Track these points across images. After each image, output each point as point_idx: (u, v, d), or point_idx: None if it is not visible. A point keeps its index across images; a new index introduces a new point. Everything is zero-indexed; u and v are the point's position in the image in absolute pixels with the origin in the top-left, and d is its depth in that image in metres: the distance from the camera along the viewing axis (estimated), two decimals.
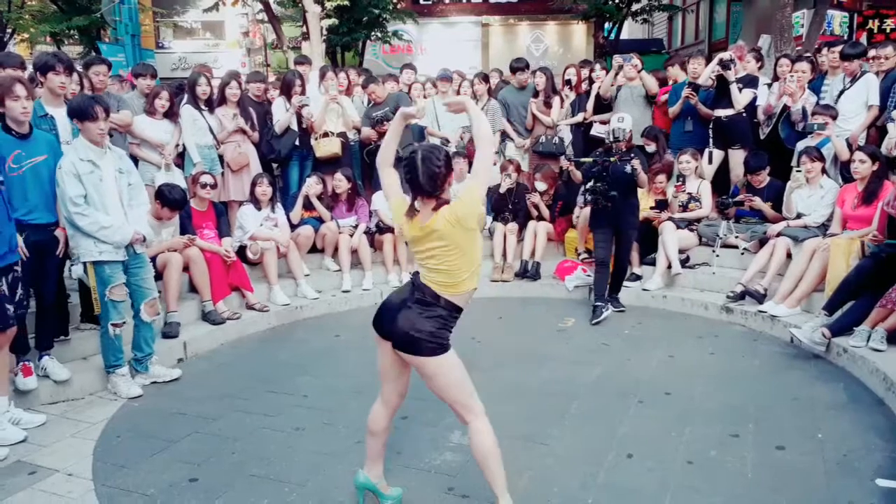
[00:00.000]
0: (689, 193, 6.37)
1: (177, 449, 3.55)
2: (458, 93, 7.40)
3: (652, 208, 6.27)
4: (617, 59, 7.11)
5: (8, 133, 3.89)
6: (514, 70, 7.46)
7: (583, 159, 5.91)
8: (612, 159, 5.44)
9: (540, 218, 6.79)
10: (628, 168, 5.36)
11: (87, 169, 3.97)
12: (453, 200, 2.62)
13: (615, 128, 5.53)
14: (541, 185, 6.84)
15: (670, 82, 7.16)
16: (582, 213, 6.48)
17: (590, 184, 5.61)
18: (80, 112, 3.97)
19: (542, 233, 6.65)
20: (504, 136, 7.43)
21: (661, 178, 6.36)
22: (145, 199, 4.45)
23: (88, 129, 3.99)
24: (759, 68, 6.89)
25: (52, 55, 4.66)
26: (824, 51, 6.69)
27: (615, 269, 5.83)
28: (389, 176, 2.78)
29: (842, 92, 5.97)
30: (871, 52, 6.07)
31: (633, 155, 5.47)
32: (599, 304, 5.65)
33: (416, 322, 2.58)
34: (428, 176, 2.54)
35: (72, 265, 4.09)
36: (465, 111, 2.76)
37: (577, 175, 6.28)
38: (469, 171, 6.70)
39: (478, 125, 2.66)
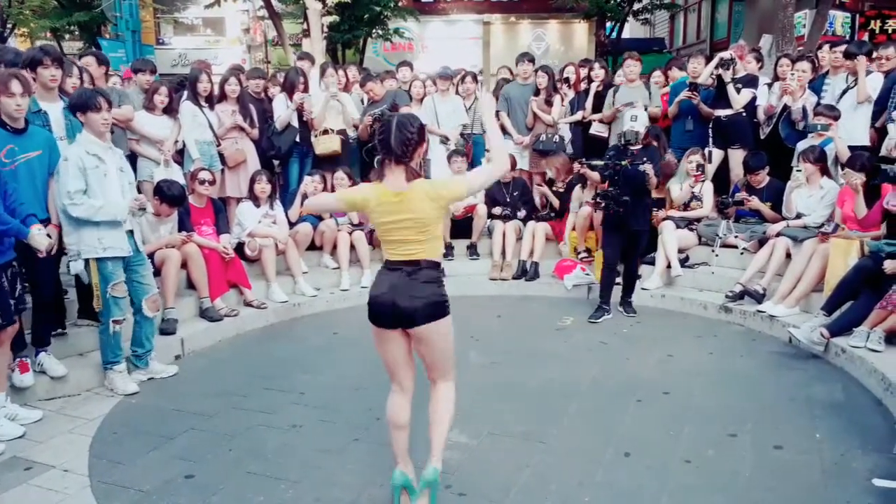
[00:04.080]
0: (691, 193, 6.36)
1: (173, 446, 3.54)
2: (457, 90, 7.42)
3: None
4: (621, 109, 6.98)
5: (2, 128, 3.86)
6: (517, 61, 7.46)
7: (595, 162, 5.73)
8: (623, 163, 5.31)
9: (541, 218, 6.78)
10: (641, 167, 5.25)
11: (93, 163, 3.95)
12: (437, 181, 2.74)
13: (627, 130, 5.37)
14: (548, 172, 6.84)
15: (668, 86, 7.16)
16: (580, 212, 6.47)
17: (601, 189, 5.50)
18: (83, 104, 3.94)
19: (540, 233, 6.64)
20: (503, 132, 7.43)
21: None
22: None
23: (92, 121, 3.95)
24: (759, 68, 6.88)
25: (39, 49, 4.58)
26: (825, 48, 6.67)
27: (626, 272, 5.78)
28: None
29: (845, 91, 5.95)
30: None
31: (645, 160, 5.30)
32: (604, 305, 5.64)
33: (427, 289, 2.70)
34: (400, 140, 2.66)
35: (69, 261, 4.07)
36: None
37: (594, 176, 5.91)
38: (468, 171, 6.82)
39: (492, 144, 2.91)
